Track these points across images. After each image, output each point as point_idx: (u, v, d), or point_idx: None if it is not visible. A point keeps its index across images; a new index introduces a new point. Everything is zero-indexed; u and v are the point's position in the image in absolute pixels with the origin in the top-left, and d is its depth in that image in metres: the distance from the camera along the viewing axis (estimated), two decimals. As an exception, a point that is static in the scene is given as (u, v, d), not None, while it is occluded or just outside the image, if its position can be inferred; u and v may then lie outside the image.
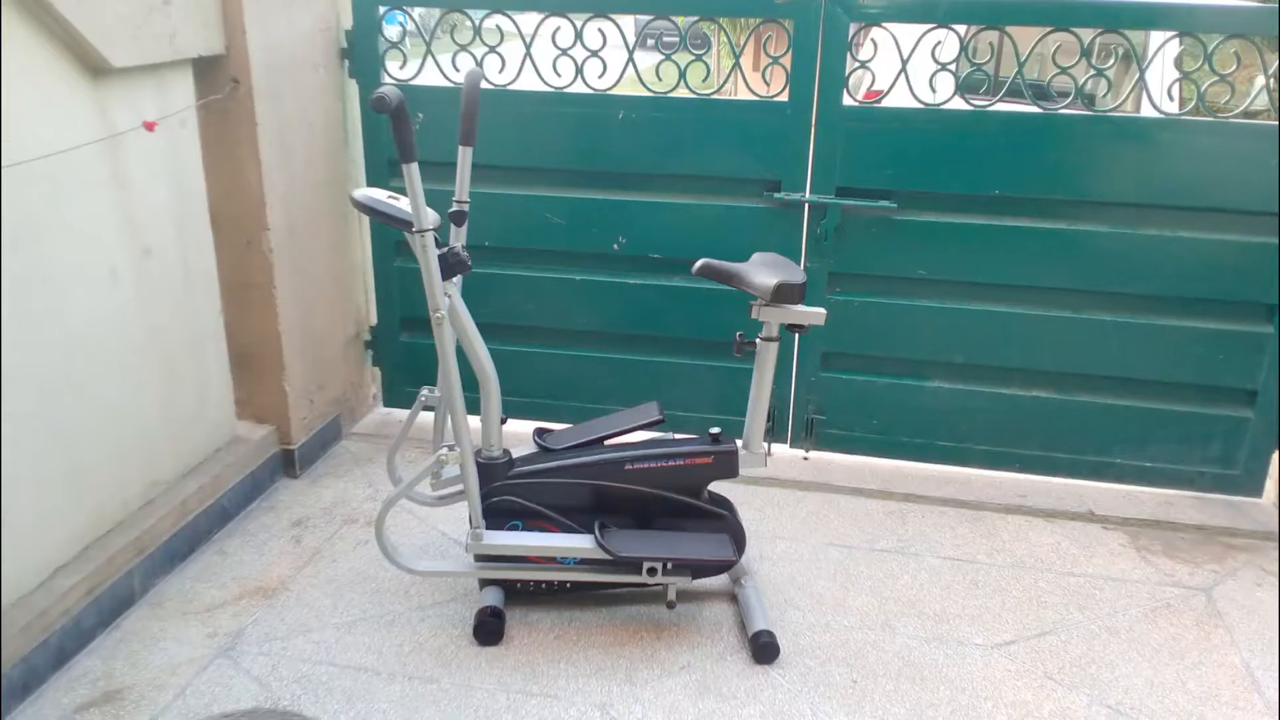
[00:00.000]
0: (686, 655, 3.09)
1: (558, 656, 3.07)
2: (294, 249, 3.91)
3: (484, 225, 4.12)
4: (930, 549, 3.71)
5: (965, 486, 4.14)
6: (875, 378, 4.17)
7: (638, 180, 4.08)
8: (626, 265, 4.18)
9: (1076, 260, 3.88)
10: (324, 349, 4.22)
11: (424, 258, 2.75)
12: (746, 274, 3.05)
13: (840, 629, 3.24)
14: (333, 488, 4.02)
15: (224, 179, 3.66)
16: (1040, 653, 3.16)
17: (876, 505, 4.00)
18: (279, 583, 3.41)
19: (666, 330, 4.24)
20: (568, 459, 3.14)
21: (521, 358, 4.35)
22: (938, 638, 3.21)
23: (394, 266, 4.38)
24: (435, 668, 3.01)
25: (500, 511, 3.11)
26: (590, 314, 4.26)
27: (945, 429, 4.19)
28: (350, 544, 3.64)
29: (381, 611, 3.27)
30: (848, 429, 4.26)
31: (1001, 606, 3.38)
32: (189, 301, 3.57)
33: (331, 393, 4.31)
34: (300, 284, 3.98)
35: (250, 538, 3.66)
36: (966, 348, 4.06)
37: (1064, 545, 3.77)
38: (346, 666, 3.00)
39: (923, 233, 3.93)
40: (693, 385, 4.29)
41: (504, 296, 4.28)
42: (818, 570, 3.55)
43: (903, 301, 4.04)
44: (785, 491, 4.09)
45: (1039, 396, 4.08)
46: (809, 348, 4.18)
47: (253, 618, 3.22)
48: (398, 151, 2.62)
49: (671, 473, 3.11)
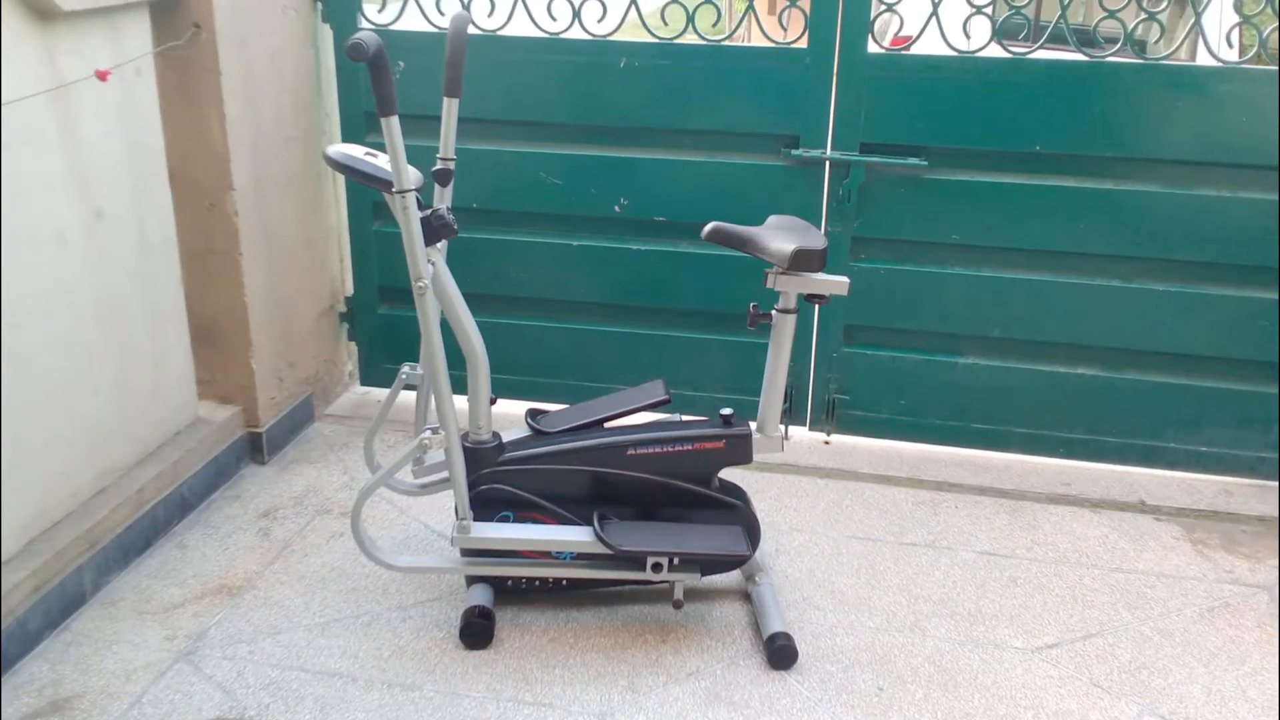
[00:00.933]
0: (695, 660, 3.09)
1: (553, 661, 3.07)
2: (261, 211, 3.91)
3: (471, 185, 4.11)
4: (964, 542, 3.71)
5: (1003, 474, 4.15)
6: (903, 353, 4.17)
7: (641, 135, 4.09)
8: (629, 229, 4.19)
9: (1126, 223, 3.88)
10: (295, 322, 4.22)
11: (405, 221, 2.75)
12: (761, 239, 3.05)
13: (865, 631, 3.24)
14: (304, 475, 4.02)
15: (184, 134, 3.66)
16: (1086, 657, 3.16)
17: (905, 494, 4.01)
18: (245, 580, 3.41)
19: (673, 301, 4.25)
20: (564, 443, 3.14)
21: (513, 331, 4.36)
22: (972, 640, 3.21)
23: (372, 231, 4.39)
24: (417, 674, 3.01)
25: (489, 501, 3.11)
26: (589, 283, 4.27)
27: (981, 410, 4.19)
28: (323, 537, 3.64)
29: (358, 612, 3.27)
30: (873, 410, 4.27)
31: (1043, 606, 3.38)
32: (145, 269, 3.56)
33: (303, 370, 4.31)
34: (268, 250, 3.97)
35: (213, 530, 3.66)
36: (1004, 320, 4.06)
37: (1112, 538, 3.76)
38: (319, 672, 3.00)
39: (956, 193, 3.94)
40: (702, 362, 4.30)
41: (494, 264, 4.29)
42: (840, 566, 3.55)
43: (934, 269, 4.05)
44: (804, 479, 4.09)
45: (1084, 374, 4.08)
46: (830, 320, 4.18)
47: (216, 618, 3.22)
48: (376, 104, 2.61)
49: (678, 458, 3.12)
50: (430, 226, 2.81)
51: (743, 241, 3.06)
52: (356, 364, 4.66)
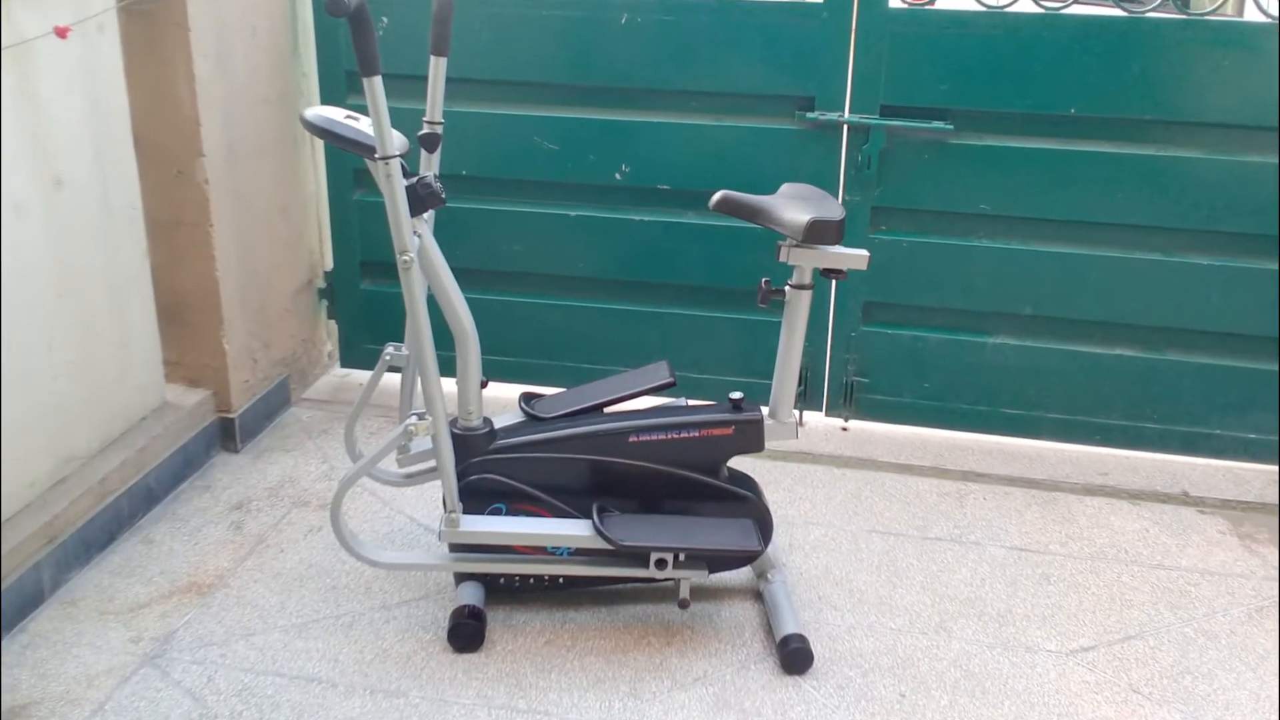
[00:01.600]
0: (702, 664, 3.09)
1: (548, 665, 3.07)
2: (234, 179, 3.91)
3: (461, 151, 4.11)
4: (993, 537, 3.71)
5: (1035, 463, 4.16)
6: (927, 333, 4.18)
7: (644, 97, 4.09)
8: (630, 198, 4.20)
9: (1167, 192, 3.88)
10: (270, 299, 4.23)
11: (389, 190, 2.75)
12: (773, 209, 3.05)
13: (886, 632, 3.24)
14: (280, 464, 4.03)
15: (151, 96, 3.65)
16: (1124, 661, 3.16)
17: (929, 485, 4.02)
18: (216, 577, 3.41)
19: (678, 276, 4.25)
20: (560, 430, 3.14)
21: (506, 309, 4.36)
22: (1002, 643, 3.22)
23: (353, 200, 4.39)
24: (402, 679, 3.01)
25: (480, 492, 3.11)
26: (587, 256, 4.28)
27: (1010, 394, 4.19)
28: (301, 531, 3.65)
29: (338, 612, 3.27)
30: (894, 394, 4.27)
31: (1078, 606, 3.38)
32: (108, 242, 3.55)
33: (278, 351, 4.32)
34: (242, 221, 3.97)
35: (182, 524, 3.67)
36: (1036, 296, 4.06)
37: (1153, 532, 3.77)
38: (296, 677, 3.00)
39: (984, 159, 3.94)
40: (709, 341, 4.30)
41: (485, 236, 4.29)
42: (859, 562, 3.56)
43: (960, 242, 4.05)
44: (820, 468, 4.10)
45: (1123, 355, 4.08)
46: (848, 297, 4.18)
47: (184, 619, 3.22)
48: (357, 63, 2.61)
49: (684, 446, 3.12)
50: (416, 195, 2.81)
51: (753, 212, 3.05)
52: (336, 344, 4.66)
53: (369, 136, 2.76)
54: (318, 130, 2.86)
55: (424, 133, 3.05)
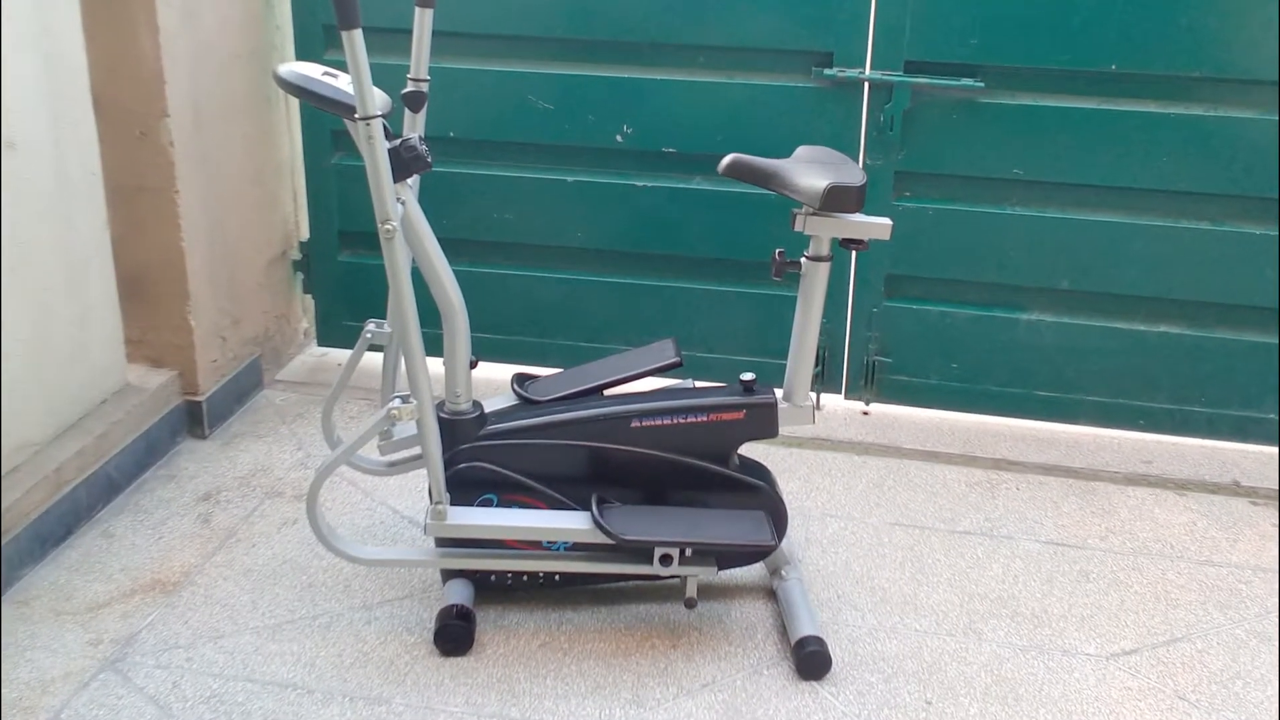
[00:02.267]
0: (710, 669, 3.10)
1: (543, 670, 3.08)
2: (201, 142, 3.90)
3: (448, 110, 4.11)
4: (1027, 530, 3.72)
5: (1072, 450, 4.16)
6: (955, 308, 4.19)
7: (648, 52, 4.10)
8: (633, 162, 4.20)
9: (1217, 156, 3.87)
10: (240, 272, 4.22)
11: (370, 152, 2.74)
12: (788, 174, 3.05)
13: (910, 634, 3.25)
14: (251, 451, 4.04)
15: (111, 50, 3.65)
16: (1169, 665, 3.16)
17: (957, 474, 4.02)
18: (182, 574, 3.41)
19: (685, 246, 4.27)
20: (557, 414, 3.15)
21: (497, 283, 4.37)
22: (1037, 645, 3.22)
23: (331, 164, 4.40)
24: (384, 685, 3.01)
25: (469, 482, 3.11)
26: (586, 225, 4.29)
27: (1046, 375, 4.19)
28: (274, 524, 3.65)
29: (315, 612, 3.27)
30: (920, 375, 4.28)
31: (1119, 605, 3.38)
32: (64, 210, 3.54)
33: (250, 328, 4.32)
34: (210, 187, 3.97)
35: (145, 516, 3.67)
36: (1074, 269, 4.06)
37: (1201, 525, 3.77)
38: (269, 683, 3.00)
39: (1017, 120, 3.94)
40: (719, 318, 4.31)
41: (475, 203, 4.30)
42: (881, 558, 3.57)
43: (991, 209, 4.05)
44: (839, 456, 4.11)
45: (1168, 333, 4.08)
46: (870, 269, 4.18)
47: (148, 620, 3.22)
48: (336, 15, 2.60)
49: (691, 432, 3.11)
50: (400, 159, 2.80)
51: (767, 177, 3.05)
52: (313, 321, 4.67)
53: (348, 95, 2.75)
54: (293, 88, 2.84)
55: (408, 91, 3.03)
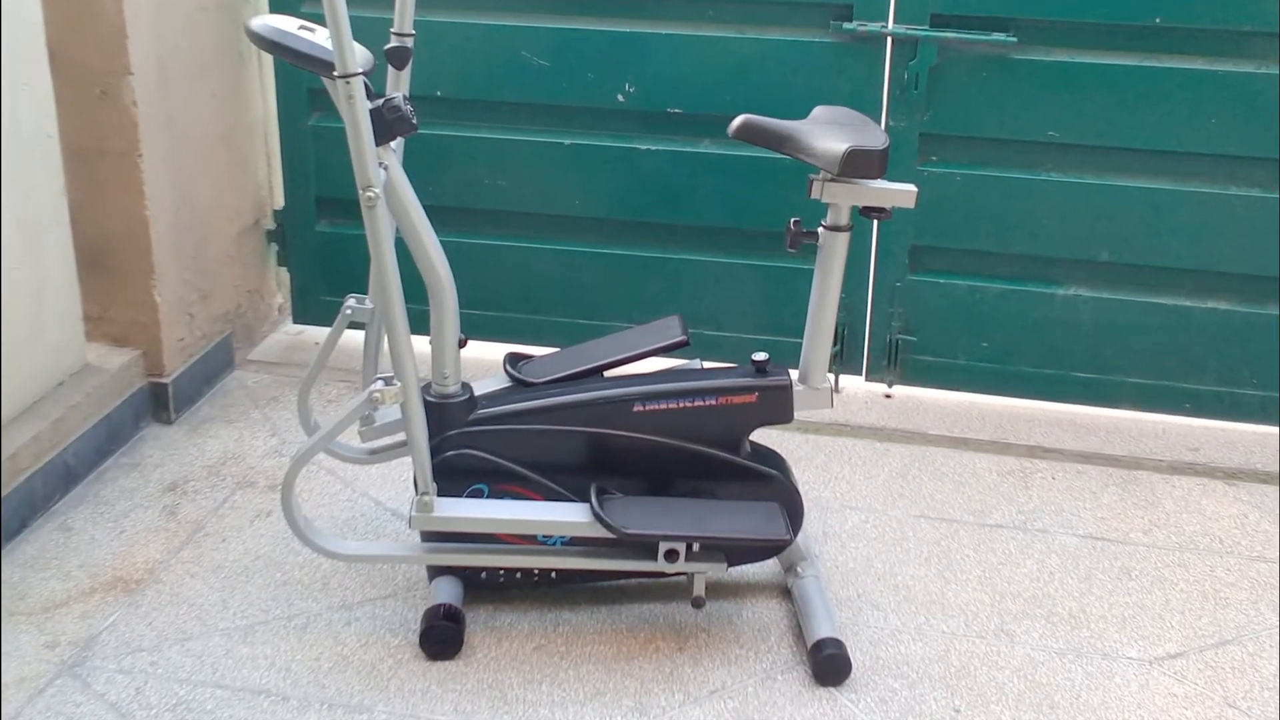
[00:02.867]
0: (719, 674, 3.10)
1: (538, 675, 3.08)
2: (167, 101, 3.90)
3: (435, 68, 4.11)
4: (1063, 524, 3.72)
5: (1112, 436, 4.16)
6: (985, 282, 4.20)
7: (651, 3, 4.11)
8: (636, 124, 4.21)
9: (1270, 116, 3.86)
10: (210, 243, 4.23)
11: (350, 113, 2.73)
12: (805, 136, 3.04)
13: (937, 636, 3.25)
14: (221, 437, 4.05)
15: (68, 2, 3.65)
16: (1218, 670, 3.15)
17: (988, 462, 4.03)
18: (146, 571, 3.41)
19: (692, 215, 4.27)
20: (553, 397, 3.15)
21: (488, 254, 4.39)
22: (1074, 648, 3.22)
23: (308, 126, 4.40)
24: (365, 691, 3.01)
25: (458, 471, 3.10)
26: (585, 192, 4.30)
27: (1084, 355, 4.20)
28: (246, 517, 3.66)
29: (290, 612, 3.27)
30: (947, 355, 4.29)
31: (1164, 605, 3.38)
32: (18, 175, 3.53)
33: (220, 304, 4.33)
34: (176, 150, 3.98)
35: (106, 508, 3.67)
36: (1114, 240, 4.06)
37: (1252, 518, 3.77)
38: (241, 689, 3.00)
39: (1053, 78, 3.94)
40: (729, 293, 4.33)
41: (464, 168, 4.31)
42: (905, 554, 3.57)
43: (1024, 175, 4.06)
44: (859, 443, 4.12)
45: (1217, 309, 4.08)
46: (893, 240, 4.19)
47: (109, 620, 3.22)
48: None
49: (699, 416, 3.11)
50: (382, 120, 2.79)
51: (781, 139, 3.04)
52: (288, 296, 4.69)
53: (327, 51, 2.73)
54: (266, 44, 2.83)
55: (392, 46, 3.02)
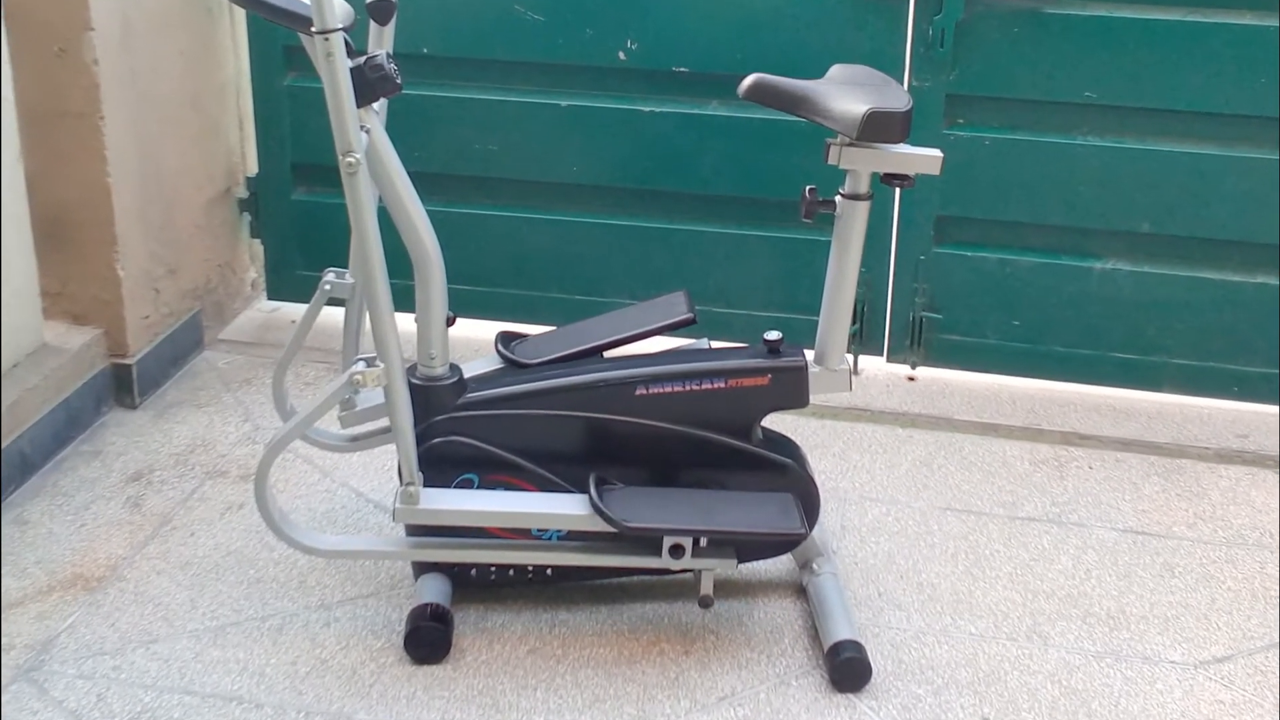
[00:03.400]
0: (729, 679, 3.09)
1: (532, 680, 3.08)
2: (131, 59, 3.91)
3: (421, 23, 4.13)
4: (1101, 517, 3.71)
5: (1154, 422, 4.17)
6: (1017, 255, 4.21)
7: None
8: (638, 83, 4.22)
9: None
10: (177, 212, 4.23)
11: (329, 72, 2.72)
12: (821, 97, 3.03)
13: (965, 638, 3.24)
14: (190, 423, 4.05)
15: None
16: (1268, 674, 3.15)
17: (1019, 450, 4.03)
18: (108, 568, 3.41)
19: (698, 183, 4.28)
20: (548, 379, 3.14)
21: (478, 225, 4.40)
22: (1113, 652, 3.21)
23: (283, 86, 4.41)
24: (346, 697, 3.01)
25: (446, 459, 3.10)
26: (583, 158, 4.31)
27: (1124, 334, 4.21)
28: (216, 509, 3.65)
29: (264, 612, 3.27)
30: (975, 334, 4.30)
31: (1210, 604, 3.38)
32: None
33: (188, 279, 4.33)
34: (141, 113, 3.98)
35: (65, 499, 3.67)
36: (1156, 209, 4.07)
37: None
38: (210, 695, 3.00)
39: (1090, 33, 3.95)
40: (739, 267, 4.33)
41: (453, 132, 4.32)
42: (930, 549, 3.57)
43: (1059, 139, 4.07)
44: (881, 429, 4.13)
45: (1268, 285, 4.09)
46: (917, 210, 4.19)
47: (68, 621, 3.21)
48: None
49: (707, 400, 3.11)
50: (364, 80, 2.78)
51: (795, 101, 3.02)
52: (262, 270, 4.69)
53: (303, 5, 2.72)
54: (238, -3, 2.84)
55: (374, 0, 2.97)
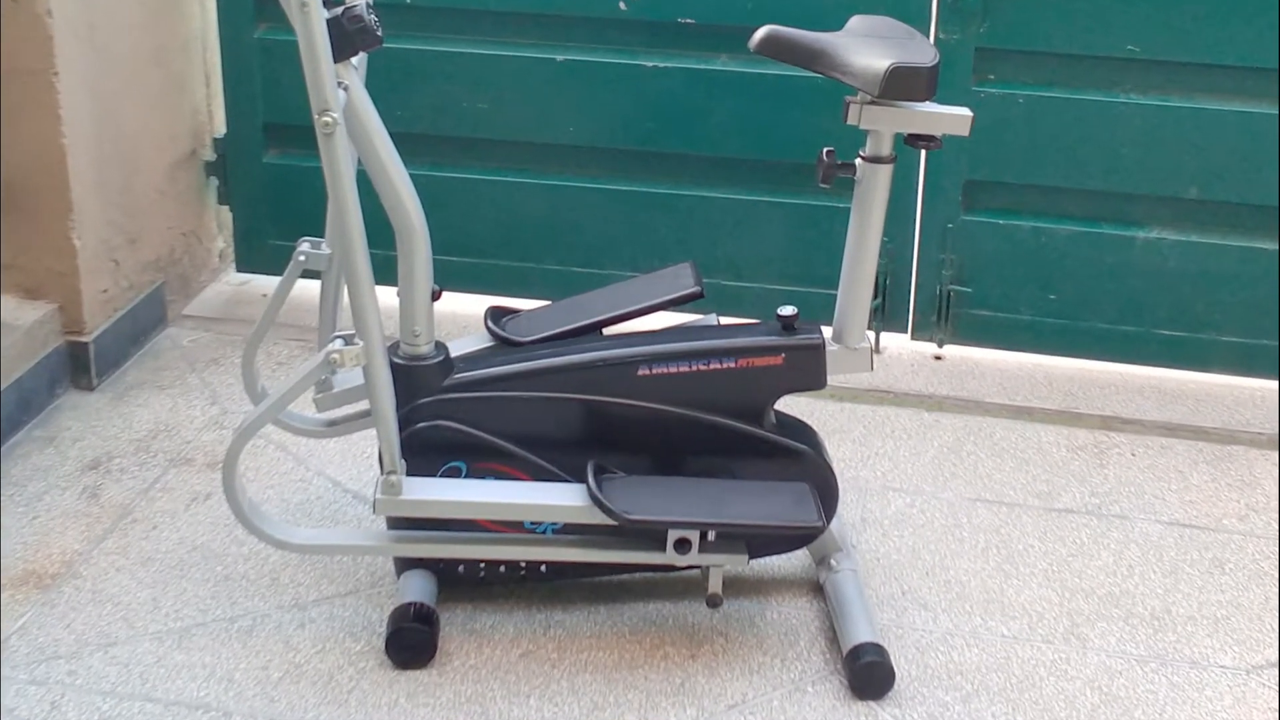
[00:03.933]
0: (739, 684, 3.08)
1: (525, 686, 3.07)
2: (88, 11, 3.92)
3: None
4: (1144, 508, 3.70)
5: (1203, 405, 4.17)
6: (1053, 224, 4.21)
7: None
8: (641, 35, 4.23)
9: None
10: (139, 176, 4.24)
11: (304, 23, 2.70)
12: (839, 51, 3.00)
13: (995, 640, 3.24)
14: (152, 406, 4.06)
15: None
16: None
17: (1055, 435, 4.02)
18: (63, 564, 3.41)
19: (706, 144, 4.29)
20: (543, 359, 3.13)
21: (466, 190, 4.42)
22: (1157, 655, 3.20)
23: (254, 39, 4.40)
24: (321, 704, 3.00)
25: (431, 445, 3.09)
26: (580, 117, 4.33)
27: (1169, 309, 4.20)
28: (181, 500, 3.65)
29: (233, 613, 3.27)
30: (1007, 309, 4.30)
31: (1262, 604, 3.37)
32: None
33: (151, 249, 4.34)
34: (99, 68, 3.99)
35: (17, 489, 3.67)
36: (1203, 173, 4.06)
37: None
38: (174, 703, 2.99)
39: None
40: (750, 236, 4.34)
41: (438, 88, 4.34)
42: (959, 544, 3.56)
43: (1099, 96, 4.07)
44: (904, 412, 4.13)
45: None
46: (943, 174, 4.20)
47: (19, 623, 3.21)
48: None
49: (715, 381, 3.10)
50: (342, 32, 2.75)
51: (811, 55, 3.00)
52: (231, 240, 4.70)
53: (273, -52, 2.72)
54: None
55: (351, -57, 3.02)
